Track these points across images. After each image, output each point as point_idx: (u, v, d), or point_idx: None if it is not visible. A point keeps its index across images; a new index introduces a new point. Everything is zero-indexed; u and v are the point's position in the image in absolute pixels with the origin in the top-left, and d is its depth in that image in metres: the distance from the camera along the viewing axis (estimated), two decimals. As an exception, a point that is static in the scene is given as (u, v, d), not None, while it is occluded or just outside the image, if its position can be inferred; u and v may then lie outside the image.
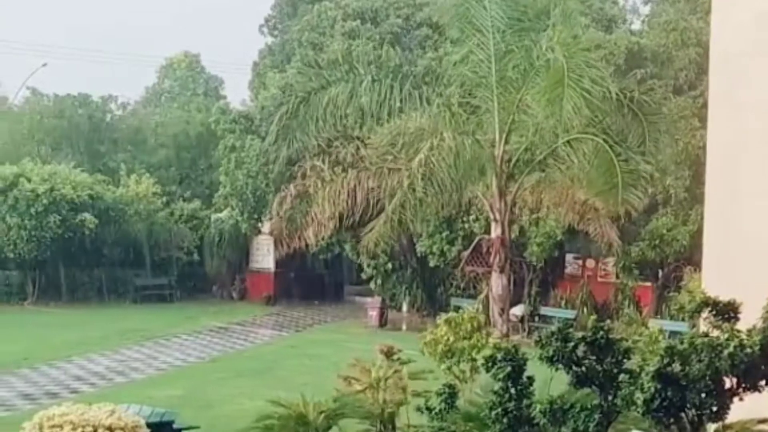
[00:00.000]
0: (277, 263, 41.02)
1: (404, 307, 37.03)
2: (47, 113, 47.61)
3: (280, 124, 18.73)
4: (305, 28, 40.20)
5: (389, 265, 36.40)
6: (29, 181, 38.02)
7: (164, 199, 42.71)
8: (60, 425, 11.15)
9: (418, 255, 35.23)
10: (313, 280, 43.32)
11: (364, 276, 37.73)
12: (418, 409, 12.28)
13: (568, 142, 19.43)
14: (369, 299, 37.41)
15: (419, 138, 18.93)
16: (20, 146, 45.34)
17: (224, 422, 18.70)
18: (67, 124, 46.92)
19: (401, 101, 20.09)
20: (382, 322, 35.38)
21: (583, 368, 10.39)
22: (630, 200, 19.68)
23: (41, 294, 39.88)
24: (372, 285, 37.39)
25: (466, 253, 31.73)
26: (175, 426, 16.38)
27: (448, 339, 16.41)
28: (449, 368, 16.53)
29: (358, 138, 30.13)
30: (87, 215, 38.46)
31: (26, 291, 40.03)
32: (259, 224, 39.78)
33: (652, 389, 9.66)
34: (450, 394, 11.90)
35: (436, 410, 11.78)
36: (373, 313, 35.66)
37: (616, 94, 18.80)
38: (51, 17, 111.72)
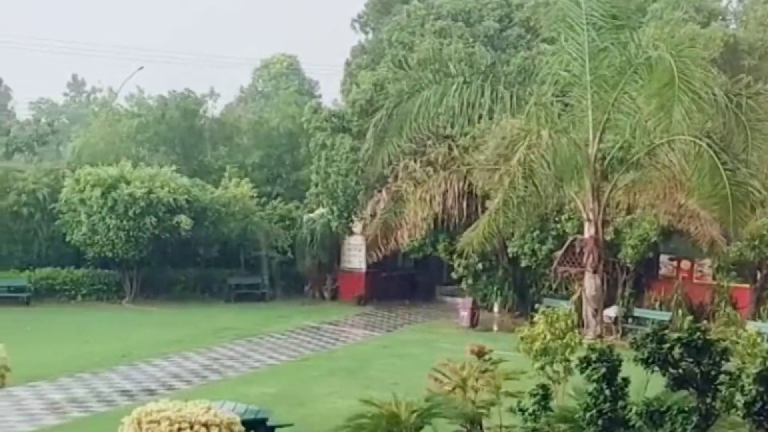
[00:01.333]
0: (369, 263, 41.12)
1: (495, 308, 36.78)
2: (145, 114, 48.51)
3: (376, 128, 18.80)
4: (395, 28, 40.25)
5: (480, 265, 36.22)
6: (128, 183, 38.77)
7: (259, 199, 43.14)
8: (157, 421, 11.36)
9: (510, 255, 34.99)
10: (404, 280, 43.30)
11: (454, 276, 37.58)
12: (511, 409, 12.21)
13: (668, 142, 19.08)
14: (460, 299, 37.27)
15: (515, 138, 18.80)
16: (120, 147, 46.25)
17: (317, 420, 18.83)
18: (164, 124, 47.75)
19: (492, 101, 19.98)
20: (474, 323, 35.20)
21: (680, 370, 10.23)
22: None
23: (139, 293, 40.64)
24: (463, 285, 37.22)
25: (558, 253, 31.43)
26: (268, 423, 16.57)
27: (545, 336, 16.22)
28: (542, 368, 16.36)
29: (449, 138, 30.09)
30: (183, 217, 39.04)
31: (124, 290, 40.85)
32: (351, 224, 39.91)
33: (753, 392, 9.46)
34: (543, 395, 11.83)
35: (529, 411, 11.71)
36: (465, 314, 35.50)
37: (724, 97, 18.35)
38: (151, 20, 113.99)
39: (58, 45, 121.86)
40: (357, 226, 39.83)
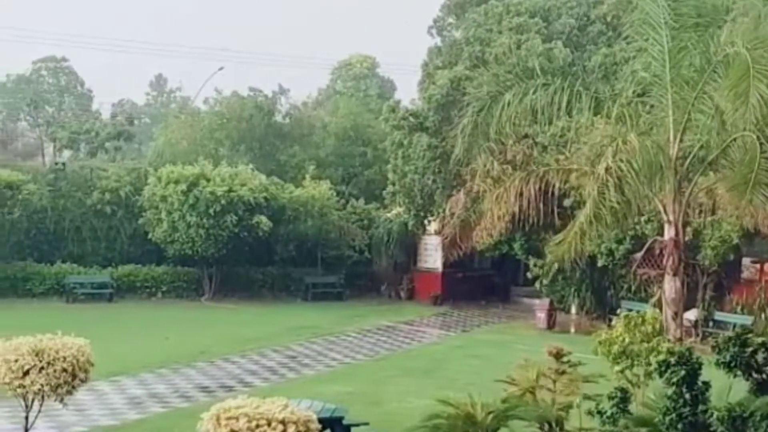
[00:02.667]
0: (445, 263, 41.08)
1: (573, 309, 36.46)
2: (224, 114, 49.09)
3: (464, 132, 18.74)
4: (472, 26, 40.12)
5: (556, 266, 35.88)
6: (209, 181, 39.27)
7: (336, 199, 43.36)
8: (236, 417, 11.45)
9: (587, 256, 34.60)
10: (481, 281, 43.17)
11: (530, 275, 37.31)
12: (589, 412, 12.11)
13: (741, 138, 18.67)
14: (537, 300, 37.02)
15: (601, 141, 18.58)
16: (200, 146, 46.87)
17: (392, 420, 18.86)
18: (243, 124, 48.26)
19: (570, 100, 19.79)
20: (551, 324, 34.94)
21: (764, 375, 10.03)
22: None
23: (217, 290, 41.16)
24: (538, 285, 36.93)
25: (638, 256, 31.01)
26: (344, 422, 16.66)
27: (624, 339, 16.01)
28: (622, 371, 16.16)
29: (527, 137, 29.88)
30: (262, 217, 39.43)
31: (203, 287, 41.41)
32: (427, 223, 39.89)
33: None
34: (622, 398, 11.71)
35: (608, 414, 11.59)
36: (541, 315, 35.27)
37: None
38: (231, 22, 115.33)
39: (139, 46, 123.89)
40: (433, 226, 39.80)
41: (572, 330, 34.40)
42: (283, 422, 11.45)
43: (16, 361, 14.14)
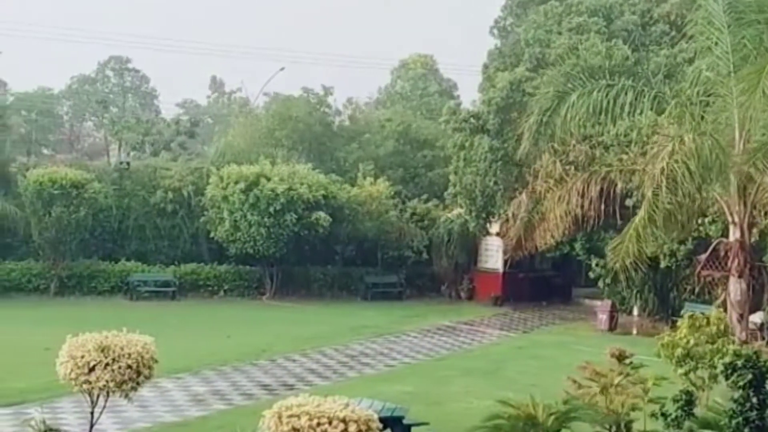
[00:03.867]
0: (506, 263, 40.92)
1: (635, 311, 36.07)
2: (282, 114, 49.38)
3: (530, 131, 18.68)
4: (531, 27, 39.90)
5: (618, 266, 35.44)
6: (268, 180, 39.54)
7: (395, 199, 43.39)
8: (297, 415, 11.51)
9: (649, 257, 34.19)
10: (541, 281, 42.92)
11: (592, 275, 36.97)
12: (653, 414, 11.98)
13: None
14: (598, 302, 36.71)
15: (658, 141, 18.41)
16: (259, 146, 47.20)
17: (453, 420, 18.85)
18: (300, 124, 48.51)
19: (633, 100, 19.63)
20: (612, 326, 34.61)
21: (832, 379, 9.85)
22: None
23: (278, 289, 41.40)
24: (600, 284, 36.58)
25: (702, 257, 30.62)
26: (404, 421, 16.67)
27: (688, 342, 15.80)
28: (686, 374, 15.95)
29: (587, 138, 29.66)
30: (321, 213, 39.60)
31: (264, 286, 41.69)
32: (488, 224, 39.75)
33: None
34: (687, 401, 11.57)
35: (672, 417, 11.46)
36: (603, 316, 34.95)
37: None
38: (290, 23, 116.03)
39: (203, 46, 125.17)
40: (494, 227, 39.66)
41: (634, 332, 34.02)
42: (344, 421, 11.48)
43: (83, 357, 14.33)
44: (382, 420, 12.74)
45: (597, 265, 35.43)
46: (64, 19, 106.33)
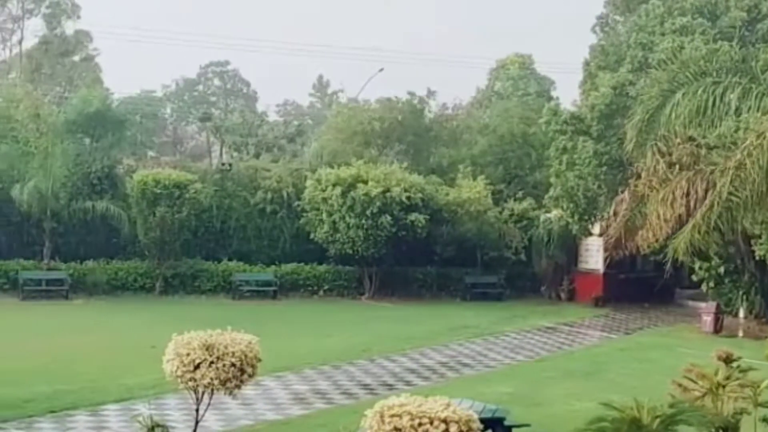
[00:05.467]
0: (606, 264, 40.42)
1: (741, 313, 35.27)
2: (379, 115, 49.55)
3: (634, 129, 18.42)
4: (633, 29, 39.27)
5: (722, 269, 34.78)
6: (365, 183, 39.75)
7: (490, 199, 43.22)
8: (399, 415, 11.54)
9: (756, 258, 33.44)
10: (643, 283, 42.23)
11: (695, 279, 36.31)
12: (764, 419, 11.72)
13: None
14: (702, 304, 36.02)
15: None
16: (356, 148, 47.48)
17: (554, 422, 18.71)
18: (397, 125, 48.64)
19: (739, 99, 19.20)
20: (717, 328, 33.92)
21: None
22: None
23: (377, 289, 41.64)
24: (703, 288, 35.91)
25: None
26: (505, 423, 16.61)
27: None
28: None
29: (691, 138, 29.09)
30: (418, 215, 39.71)
31: (363, 286, 41.97)
32: (589, 226, 39.32)
33: None
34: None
35: (781, 422, 11.17)
36: (707, 318, 34.28)
37: None
38: (388, 24, 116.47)
39: (303, 48, 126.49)
40: (595, 227, 39.21)
41: (740, 334, 33.32)
42: (445, 421, 11.47)
43: (188, 355, 14.58)
44: (483, 421, 12.69)
45: (700, 268, 34.74)
46: (167, 22, 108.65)
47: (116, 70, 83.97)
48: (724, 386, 13.95)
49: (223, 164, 46.70)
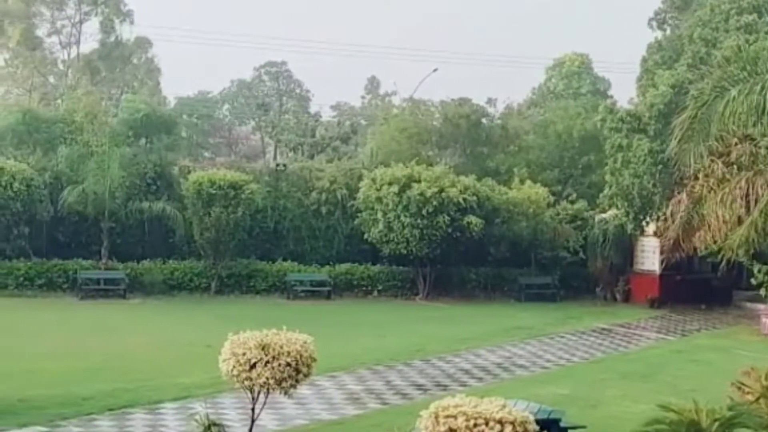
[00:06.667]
0: (662, 265, 40.01)
1: (801, 316, 34.73)
2: (433, 116, 49.51)
3: (681, 129, 18.16)
4: (696, 24, 38.77)
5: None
6: (419, 183, 39.75)
7: (550, 199, 43.00)
8: (454, 416, 11.53)
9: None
10: (700, 284, 41.74)
11: (754, 282, 35.77)
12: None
13: None
14: (762, 306, 35.51)
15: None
16: (411, 148, 47.45)
17: (610, 424, 18.60)
18: (450, 126, 48.54)
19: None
20: (777, 330, 33.47)
21: None
22: None
23: (431, 290, 41.59)
24: (762, 292, 35.35)
25: None
26: (561, 424, 16.49)
27: None
28: None
29: (749, 137, 28.67)
30: (473, 218, 39.62)
31: (417, 286, 41.96)
32: (645, 225, 38.94)
33: None
34: None
35: None
36: (767, 320, 33.80)
37: None
38: (445, 24, 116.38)
39: (356, 48, 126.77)
40: (651, 227, 38.82)
41: (800, 337, 32.82)
42: (500, 422, 11.44)
43: (244, 354, 14.69)
44: (538, 422, 12.64)
45: (759, 271, 34.21)
46: (222, 24, 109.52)
47: (174, 72, 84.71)
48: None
49: (277, 165, 46.95)
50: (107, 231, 40.09)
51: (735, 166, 20.87)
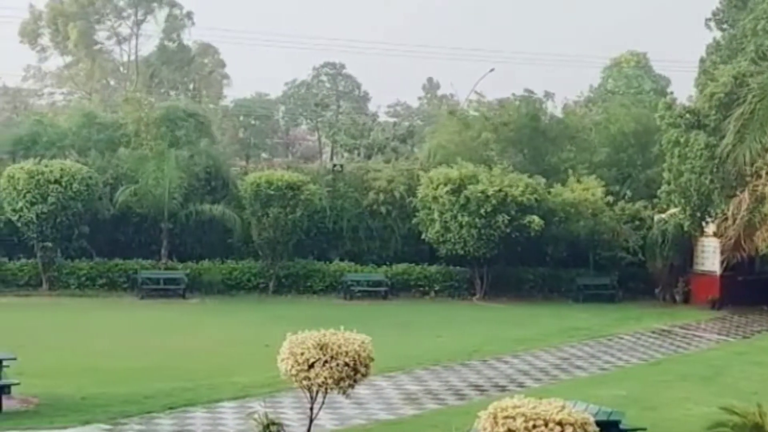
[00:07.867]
0: (723, 266, 39.44)
1: None
2: (492, 116, 49.30)
3: (737, 123, 17.89)
4: (761, 16, 38.14)
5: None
6: (478, 182, 39.66)
7: (608, 199, 42.64)
8: (513, 417, 11.47)
9: None
10: (763, 285, 41.05)
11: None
12: None
13: None
14: (826, 307, 34.92)
15: None
16: (469, 148, 47.31)
17: (670, 426, 18.41)
18: (510, 126, 48.32)
19: None
20: (842, 332, 32.84)
21: None
22: None
23: (488, 290, 41.45)
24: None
25: None
26: (621, 426, 16.35)
27: None
28: None
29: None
30: (534, 217, 39.42)
31: (474, 286, 41.85)
32: (704, 224, 38.45)
33: None
34: None
35: None
36: (831, 322, 33.23)
37: None
38: (499, 25, 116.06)
39: (413, 49, 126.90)
40: (711, 227, 38.32)
41: None
42: (560, 423, 11.36)
43: (302, 354, 14.75)
44: (598, 424, 12.54)
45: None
46: (280, 25, 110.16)
47: (233, 74, 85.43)
48: None
49: (334, 165, 47.13)
50: (167, 231, 40.54)
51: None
